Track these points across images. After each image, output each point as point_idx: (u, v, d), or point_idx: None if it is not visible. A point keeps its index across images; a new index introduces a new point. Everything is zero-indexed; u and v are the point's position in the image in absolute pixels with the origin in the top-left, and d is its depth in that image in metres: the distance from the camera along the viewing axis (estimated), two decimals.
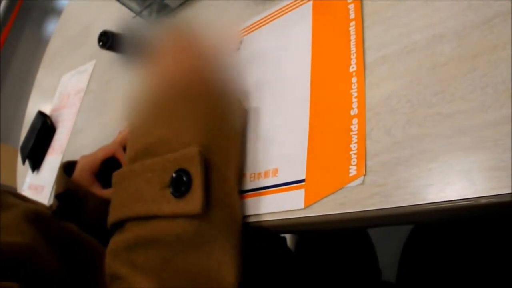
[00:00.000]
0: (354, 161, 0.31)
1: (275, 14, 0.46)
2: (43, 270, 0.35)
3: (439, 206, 0.26)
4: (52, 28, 2.74)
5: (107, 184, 0.52)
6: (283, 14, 0.45)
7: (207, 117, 0.35)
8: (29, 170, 0.82)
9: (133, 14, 0.66)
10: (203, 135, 0.34)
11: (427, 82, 0.30)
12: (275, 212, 0.35)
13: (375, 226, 0.33)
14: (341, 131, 0.33)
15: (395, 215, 0.28)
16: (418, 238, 0.51)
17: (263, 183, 0.37)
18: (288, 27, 0.43)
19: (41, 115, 0.83)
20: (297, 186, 0.34)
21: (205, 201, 0.30)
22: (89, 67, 0.84)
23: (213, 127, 0.35)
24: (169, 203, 0.31)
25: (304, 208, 0.33)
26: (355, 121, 0.33)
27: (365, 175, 0.30)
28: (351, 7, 0.38)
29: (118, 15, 0.81)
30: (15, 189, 0.85)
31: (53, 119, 0.83)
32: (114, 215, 0.34)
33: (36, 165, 0.80)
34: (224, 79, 0.41)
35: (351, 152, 0.32)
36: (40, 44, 2.57)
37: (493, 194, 0.24)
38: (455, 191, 0.26)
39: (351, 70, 0.35)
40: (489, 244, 0.42)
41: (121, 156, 0.54)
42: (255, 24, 0.48)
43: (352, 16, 0.37)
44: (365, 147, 0.31)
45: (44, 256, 0.36)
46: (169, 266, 0.30)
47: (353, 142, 0.32)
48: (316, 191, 0.33)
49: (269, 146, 0.38)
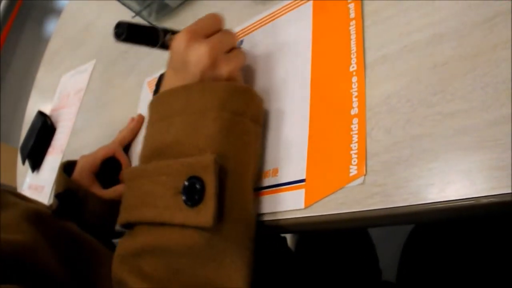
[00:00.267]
0: (354, 161, 0.31)
1: (275, 13, 0.46)
2: (43, 269, 0.35)
3: (439, 205, 0.26)
4: (52, 27, 2.74)
5: (107, 184, 0.52)
6: (283, 14, 0.45)
7: (226, 121, 0.33)
8: (29, 170, 0.82)
9: (132, 14, 0.66)
10: (219, 141, 0.32)
11: (427, 82, 0.30)
12: (275, 212, 0.35)
13: (375, 226, 0.33)
14: (342, 130, 0.33)
15: (396, 215, 0.28)
16: (418, 238, 0.51)
17: (263, 183, 0.37)
18: (288, 26, 0.43)
19: (41, 114, 0.83)
20: (298, 186, 0.34)
21: (217, 214, 0.29)
22: (89, 66, 0.84)
23: (231, 131, 0.33)
24: (181, 211, 0.30)
25: (305, 208, 0.33)
26: (355, 120, 0.33)
27: (365, 175, 0.30)
28: (351, 6, 0.37)
29: (117, 14, 0.81)
30: (15, 188, 0.85)
31: (53, 119, 0.83)
32: (125, 216, 0.34)
33: (36, 165, 0.80)
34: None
35: (351, 152, 0.32)
36: (40, 43, 2.57)
37: (493, 194, 0.24)
38: (455, 190, 0.26)
39: (351, 69, 0.35)
40: (489, 243, 0.42)
41: (121, 156, 0.54)
42: (255, 24, 0.48)
43: (353, 15, 0.37)
44: (366, 146, 0.31)
45: (44, 255, 0.36)
46: (176, 277, 0.30)
47: (353, 142, 0.32)
48: (316, 191, 0.33)
49: (269, 146, 0.38)
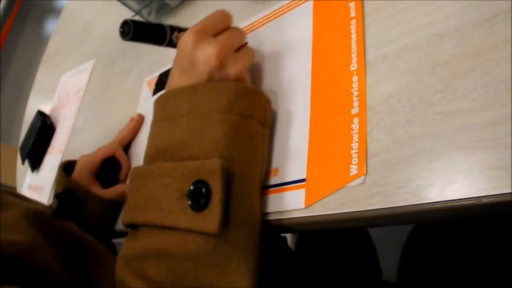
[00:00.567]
0: (355, 160, 0.31)
1: (275, 13, 0.46)
2: (42, 269, 0.35)
3: (440, 205, 0.26)
4: (52, 27, 2.74)
5: (106, 184, 0.52)
6: (283, 13, 0.45)
7: (233, 123, 0.33)
8: (29, 170, 0.82)
9: (132, 13, 0.66)
10: (226, 144, 0.32)
11: (427, 81, 0.30)
12: (275, 211, 0.35)
13: (375, 226, 0.32)
14: (342, 130, 0.33)
15: (396, 214, 0.28)
16: (418, 238, 0.50)
17: (263, 182, 0.37)
18: (289, 26, 0.43)
19: (40, 114, 0.83)
20: (298, 185, 0.34)
21: (222, 220, 0.29)
22: (88, 66, 0.84)
23: (238, 134, 0.33)
24: (186, 215, 0.30)
25: (305, 208, 0.33)
26: (356, 120, 0.33)
27: (366, 175, 0.30)
28: (351, 5, 0.37)
29: (117, 14, 0.81)
30: (14, 188, 0.85)
31: (52, 119, 0.83)
32: (129, 217, 0.34)
33: (35, 164, 0.80)
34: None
35: (352, 151, 0.32)
36: (39, 43, 2.56)
37: (494, 194, 0.24)
38: (456, 190, 0.26)
39: (352, 68, 0.35)
40: (489, 243, 0.42)
41: (120, 156, 0.54)
42: (255, 23, 0.48)
43: (353, 14, 0.37)
44: (366, 146, 0.31)
45: (44, 255, 0.36)
46: (180, 281, 0.29)
47: (354, 141, 0.32)
48: (316, 190, 0.33)
49: (270, 146, 0.38)
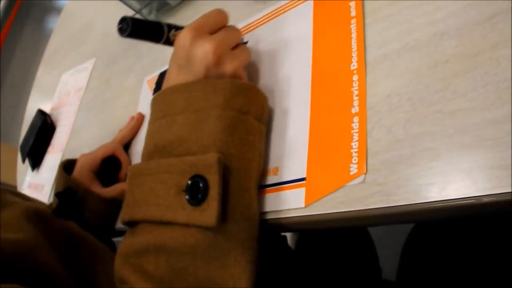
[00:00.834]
0: (355, 159, 0.31)
1: (275, 12, 0.46)
2: (43, 268, 0.35)
3: (440, 204, 0.26)
4: (52, 26, 2.73)
5: (107, 183, 0.52)
6: (283, 12, 0.44)
7: (230, 119, 0.33)
8: (29, 169, 0.82)
9: (133, 12, 0.66)
10: (223, 139, 0.32)
11: (428, 80, 0.30)
12: (275, 210, 0.35)
13: (375, 225, 0.32)
14: (342, 129, 0.33)
15: (396, 214, 0.28)
16: (418, 237, 0.50)
17: (263, 181, 0.37)
18: (289, 25, 0.43)
19: (41, 113, 0.83)
20: (298, 184, 0.34)
21: (221, 213, 0.29)
22: (89, 65, 0.84)
23: (235, 129, 0.33)
24: (184, 210, 0.30)
25: (305, 207, 0.33)
26: (356, 119, 0.33)
27: (366, 174, 0.30)
28: (352, 4, 0.37)
29: (118, 13, 0.81)
30: (15, 187, 0.85)
31: (53, 118, 0.83)
32: (127, 214, 0.34)
33: (36, 163, 0.80)
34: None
35: (352, 150, 0.32)
36: (40, 42, 2.56)
37: (494, 193, 0.24)
38: (456, 189, 0.26)
39: (352, 68, 0.35)
40: (490, 243, 0.42)
41: (121, 155, 0.54)
42: (255, 22, 0.48)
43: (353, 13, 0.37)
44: (366, 145, 0.31)
45: (44, 254, 0.36)
46: (179, 276, 0.29)
47: (354, 140, 0.32)
48: (317, 189, 0.33)
49: (270, 144, 0.38)
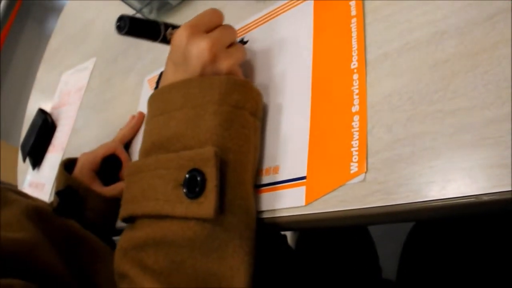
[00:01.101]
0: (355, 158, 0.31)
1: (276, 11, 0.46)
2: (43, 267, 0.35)
3: (440, 203, 0.26)
4: (53, 26, 2.73)
5: (107, 182, 0.53)
6: (284, 12, 0.45)
7: (226, 114, 0.34)
8: (30, 168, 0.82)
9: (133, 12, 0.66)
10: (220, 133, 0.33)
11: (428, 79, 0.30)
12: (276, 209, 0.35)
13: (376, 224, 0.33)
14: (343, 128, 0.33)
15: (396, 212, 0.28)
16: (419, 236, 0.50)
17: (264, 180, 0.37)
18: (290, 24, 0.43)
19: (41, 112, 0.83)
20: (298, 183, 0.34)
21: (218, 205, 0.30)
22: (89, 64, 0.84)
23: (231, 124, 0.34)
24: (182, 203, 0.30)
25: (305, 206, 0.33)
26: (356, 118, 0.33)
27: (366, 172, 0.30)
28: (352, 4, 0.37)
29: (118, 12, 0.81)
30: (16, 186, 0.85)
31: (53, 117, 0.83)
32: (126, 210, 0.34)
33: (36, 162, 0.80)
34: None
35: (352, 149, 0.32)
36: (40, 42, 2.56)
37: (494, 192, 0.24)
38: (456, 188, 0.26)
39: (352, 67, 0.35)
40: (490, 241, 0.42)
41: (121, 154, 0.54)
42: (256, 22, 0.48)
43: (354, 13, 0.37)
44: (367, 144, 0.31)
45: (45, 253, 0.36)
46: (178, 269, 0.30)
47: (354, 139, 0.32)
48: (317, 188, 0.33)
49: (270, 143, 0.38)
